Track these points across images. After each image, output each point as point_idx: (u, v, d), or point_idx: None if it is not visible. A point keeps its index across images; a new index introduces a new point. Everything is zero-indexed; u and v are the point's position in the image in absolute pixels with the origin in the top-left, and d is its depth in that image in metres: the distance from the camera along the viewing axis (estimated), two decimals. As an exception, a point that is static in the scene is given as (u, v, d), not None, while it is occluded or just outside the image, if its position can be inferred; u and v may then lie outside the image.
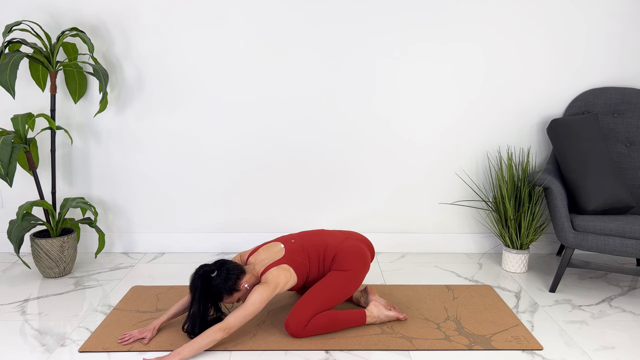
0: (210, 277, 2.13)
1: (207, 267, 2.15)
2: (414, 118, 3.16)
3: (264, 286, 2.14)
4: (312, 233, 2.41)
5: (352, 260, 2.30)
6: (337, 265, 2.29)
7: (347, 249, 2.33)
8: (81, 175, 3.21)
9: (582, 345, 2.19)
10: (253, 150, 3.19)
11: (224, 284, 2.13)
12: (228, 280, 2.13)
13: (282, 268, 2.21)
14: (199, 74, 3.09)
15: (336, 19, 3.02)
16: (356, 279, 2.30)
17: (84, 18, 3.02)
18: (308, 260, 2.29)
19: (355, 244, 2.36)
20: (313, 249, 2.32)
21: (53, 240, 2.80)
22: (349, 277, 2.28)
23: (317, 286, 2.25)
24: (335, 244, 2.34)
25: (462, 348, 2.14)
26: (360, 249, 2.35)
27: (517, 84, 3.13)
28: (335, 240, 2.36)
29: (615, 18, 3.04)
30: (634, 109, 2.98)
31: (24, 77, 3.08)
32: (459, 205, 3.29)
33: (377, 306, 2.33)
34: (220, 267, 2.16)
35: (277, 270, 2.20)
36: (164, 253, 3.29)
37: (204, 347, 2.04)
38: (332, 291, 2.24)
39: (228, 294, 2.15)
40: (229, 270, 2.15)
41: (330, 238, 2.37)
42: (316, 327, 2.19)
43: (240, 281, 2.17)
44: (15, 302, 2.57)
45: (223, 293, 2.14)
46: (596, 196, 2.67)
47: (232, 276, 2.14)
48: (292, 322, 2.17)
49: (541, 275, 2.96)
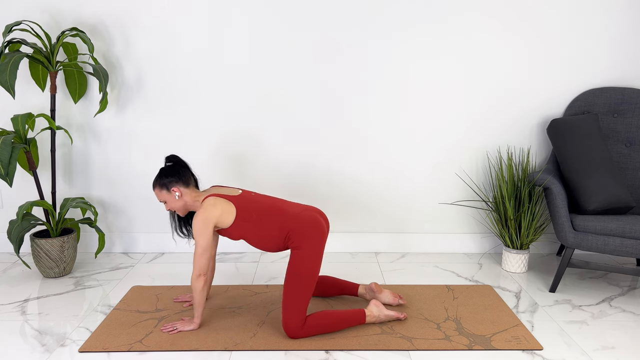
0: (165, 164, 2.29)
1: (172, 157, 2.30)
2: (414, 118, 3.16)
3: (197, 213, 2.17)
4: (275, 198, 2.36)
5: (309, 230, 2.20)
6: (295, 237, 2.20)
7: (304, 219, 2.23)
8: (81, 175, 3.21)
9: (582, 345, 2.19)
10: (253, 149, 3.19)
11: (161, 176, 2.24)
12: (167, 176, 2.24)
13: (222, 200, 2.21)
14: (199, 74, 3.09)
15: (337, 20, 3.02)
16: (317, 250, 2.20)
17: (84, 18, 3.02)
18: (258, 216, 2.22)
19: (311, 215, 2.27)
20: (271, 210, 2.25)
21: (53, 240, 2.81)
22: (309, 253, 2.18)
23: (287, 278, 2.18)
24: (295, 213, 2.25)
25: (462, 348, 2.14)
26: (316, 219, 2.26)
27: (517, 84, 3.12)
28: (295, 209, 2.28)
29: (615, 18, 3.04)
30: (634, 109, 2.98)
31: (24, 77, 3.08)
32: (459, 205, 3.29)
33: (377, 305, 2.32)
34: (177, 163, 2.29)
35: (215, 200, 2.20)
36: (164, 253, 3.29)
37: (200, 300, 2.19)
38: (303, 274, 2.16)
39: (159, 187, 2.24)
40: (177, 170, 2.26)
41: (291, 206, 2.31)
42: (315, 328, 2.18)
43: (174, 185, 2.23)
44: (15, 302, 2.57)
45: (156, 184, 2.24)
46: (596, 196, 2.67)
47: (172, 174, 2.24)
48: (287, 324, 2.16)
49: (541, 275, 2.96)
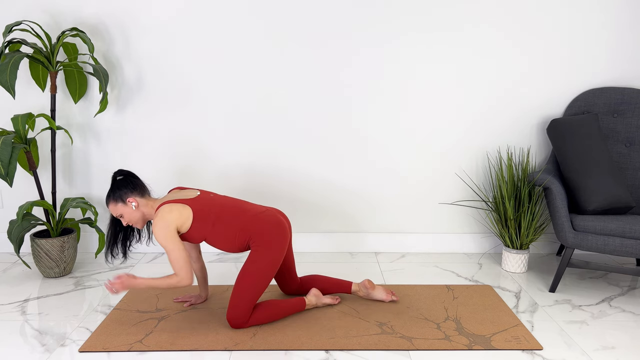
0: (115, 178, 2.26)
1: (121, 171, 2.28)
2: (414, 118, 3.16)
3: (155, 222, 2.16)
4: (234, 199, 2.37)
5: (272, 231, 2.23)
6: (257, 237, 2.22)
7: (266, 220, 2.25)
8: (81, 175, 3.21)
9: (582, 345, 2.19)
10: (253, 150, 3.19)
11: (114, 189, 2.23)
12: (121, 188, 2.23)
13: (177, 205, 2.20)
14: (199, 74, 3.09)
15: (339, 21, 3.02)
16: (278, 252, 2.23)
17: (84, 18, 3.02)
18: (217, 216, 2.23)
19: (273, 215, 2.29)
20: (231, 210, 2.26)
21: (53, 240, 2.81)
22: (270, 253, 2.21)
23: (242, 275, 2.21)
24: (255, 213, 2.27)
25: (462, 348, 2.14)
26: (278, 220, 2.27)
27: (517, 84, 3.13)
28: (254, 210, 2.30)
29: (614, 18, 3.04)
30: (634, 109, 2.98)
31: (24, 77, 3.08)
32: (459, 205, 3.29)
33: (316, 295, 2.46)
34: (128, 175, 2.27)
35: (170, 207, 2.19)
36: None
37: (157, 286, 2.16)
38: (259, 273, 2.20)
39: (114, 201, 2.22)
40: (129, 181, 2.25)
41: (251, 206, 2.32)
42: (259, 319, 2.27)
43: (130, 196, 2.22)
44: (15, 302, 2.57)
45: (110, 198, 2.22)
46: (596, 196, 2.67)
47: (126, 186, 2.23)
48: (233, 317, 2.21)
49: (541, 275, 2.96)
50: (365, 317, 2.40)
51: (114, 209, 2.24)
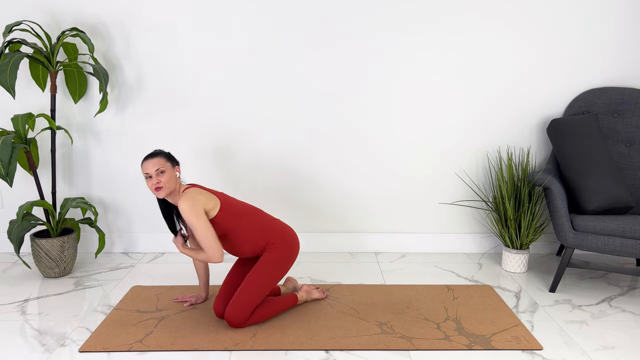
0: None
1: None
2: (414, 118, 3.16)
3: (182, 200, 2.16)
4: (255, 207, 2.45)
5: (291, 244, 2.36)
6: (277, 244, 2.33)
7: (289, 233, 2.39)
8: (81, 175, 3.21)
9: (582, 345, 2.19)
10: (253, 150, 3.19)
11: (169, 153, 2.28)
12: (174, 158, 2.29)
13: (203, 192, 2.24)
14: (199, 74, 3.09)
15: (338, 18, 3.02)
16: (288, 262, 2.35)
17: (84, 18, 3.02)
18: (239, 213, 2.30)
19: (294, 232, 2.43)
20: (253, 213, 2.35)
21: (53, 240, 2.81)
22: (283, 261, 2.32)
23: (254, 275, 2.27)
24: (280, 225, 2.39)
25: (462, 348, 2.14)
26: (297, 238, 2.42)
27: (518, 84, 3.13)
28: (278, 222, 2.41)
29: (615, 18, 3.04)
30: (634, 109, 2.98)
31: (24, 77, 3.08)
32: (459, 205, 3.29)
33: (307, 291, 2.55)
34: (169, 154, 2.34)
35: (200, 190, 2.25)
36: (164, 253, 3.29)
37: (195, 257, 2.24)
38: (270, 276, 2.29)
39: (168, 159, 2.24)
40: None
41: (271, 217, 2.42)
42: (256, 319, 2.30)
43: (179, 167, 2.29)
44: (15, 302, 2.57)
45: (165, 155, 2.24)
46: (596, 196, 2.67)
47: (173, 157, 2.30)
48: (236, 317, 2.23)
49: (541, 275, 2.96)
50: (365, 317, 2.40)
51: (160, 162, 2.21)
